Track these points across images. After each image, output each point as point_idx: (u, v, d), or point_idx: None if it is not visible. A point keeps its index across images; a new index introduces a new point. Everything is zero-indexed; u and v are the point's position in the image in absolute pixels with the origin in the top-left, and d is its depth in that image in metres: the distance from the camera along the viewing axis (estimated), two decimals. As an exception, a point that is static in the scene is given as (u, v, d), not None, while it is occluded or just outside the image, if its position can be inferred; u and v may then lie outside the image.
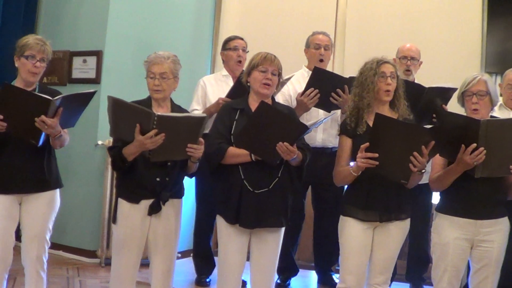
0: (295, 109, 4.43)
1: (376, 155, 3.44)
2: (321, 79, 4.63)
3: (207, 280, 5.38)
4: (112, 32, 6.10)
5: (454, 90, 4.00)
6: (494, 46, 5.83)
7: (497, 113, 4.30)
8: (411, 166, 3.42)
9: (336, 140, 3.94)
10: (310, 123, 4.35)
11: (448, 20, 5.99)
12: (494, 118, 3.70)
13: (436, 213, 3.77)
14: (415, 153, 3.39)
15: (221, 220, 3.78)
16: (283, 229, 3.85)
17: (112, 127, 3.57)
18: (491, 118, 3.62)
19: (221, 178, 3.79)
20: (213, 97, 5.02)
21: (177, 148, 3.55)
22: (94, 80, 6.07)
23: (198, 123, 3.56)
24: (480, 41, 5.83)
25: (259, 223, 3.71)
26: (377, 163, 3.45)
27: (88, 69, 6.14)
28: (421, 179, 3.66)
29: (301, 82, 4.93)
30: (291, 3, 6.68)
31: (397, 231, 3.71)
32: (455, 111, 3.70)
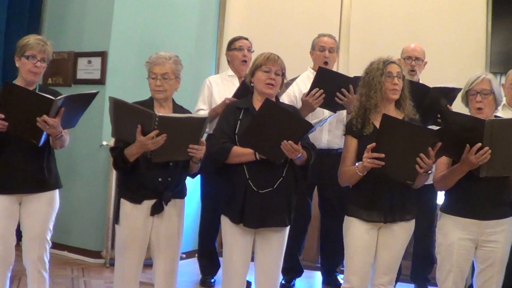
0: (300, 110, 4.43)
1: (383, 155, 3.43)
2: (325, 79, 4.62)
3: (212, 281, 5.37)
4: (116, 33, 6.10)
5: (459, 90, 3.99)
6: (498, 46, 5.82)
7: (500, 113, 4.29)
8: (417, 167, 3.41)
9: (341, 141, 3.93)
10: (315, 122, 4.35)
11: (452, 20, 5.98)
12: (499, 118, 3.70)
13: (441, 213, 3.77)
14: (421, 155, 3.39)
15: (225, 220, 3.78)
16: (288, 229, 3.85)
17: (113, 128, 3.57)
18: (496, 118, 3.61)
19: (225, 178, 3.79)
20: (218, 97, 5.02)
21: (178, 149, 3.56)
22: (98, 81, 6.08)
23: (199, 124, 3.57)
24: (484, 41, 5.82)
25: (263, 223, 3.71)
26: (383, 163, 3.44)
27: (93, 70, 6.15)
28: (427, 180, 3.66)
29: (307, 83, 4.92)
30: (295, 4, 6.67)
31: (402, 232, 3.70)
32: (459, 111, 3.70)
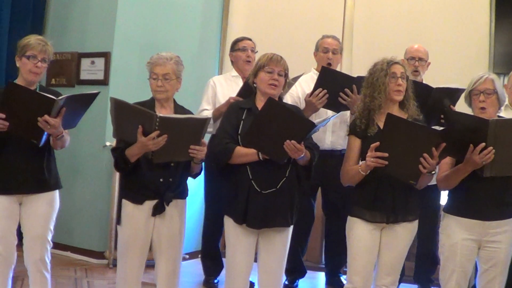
0: (303, 110, 4.42)
1: (386, 154, 3.43)
2: (329, 79, 4.63)
3: (215, 281, 5.38)
4: (120, 33, 6.11)
5: (462, 91, 3.99)
6: (502, 47, 5.81)
7: (503, 113, 4.28)
8: (420, 167, 3.42)
9: (345, 142, 3.93)
10: (318, 121, 4.35)
11: (455, 21, 5.98)
12: (503, 118, 3.69)
13: (444, 214, 3.76)
14: (425, 155, 3.39)
15: (228, 220, 3.78)
16: (291, 230, 3.85)
17: (115, 128, 3.58)
18: (499, 118, 3.61)
19: (228, 178, 3.78)
20: (222, 97, 5.02)
21: (179, 149, 3.56)
22: (102, 81, 6.08)
23: (200, 125, 3.57)
24: (488, 42, 5.82)
25: (266, 223, 3.70)
26: (386, 162, 3.44)
27: (96, 70, 6.15)
28: (431, 180, 3.66)
29: (310, 84, 4.92)
30: (298, 5, 6.67)
31: (404, 233, 3.70)
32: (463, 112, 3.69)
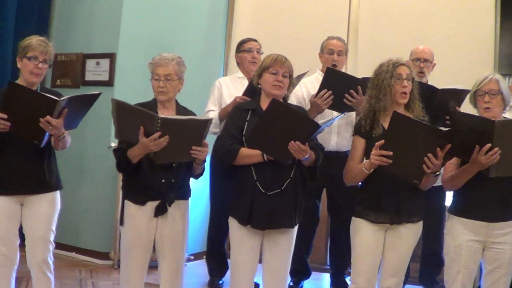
0: (308, 111, 4.42)
1: (391, 153, 3.42)
2: (334, 80, 4.62)
3: (220, 282, 5.37)
4: (125, 34, 6.11)
5: (467, 92, 3.98)
6: (507, 48, 5.80)
7: (507, 114, 4.27)
8: (424, 167, 3.41)
9: (350, 144, 3.93)
10: (322, 122, 4.34)
11: (460, 22, 5.97)
12: (509, 118, 3.68)
13: (449, 215, 3.76)
14: (429, 155, 3.39)
15: (233, 221, 3.78)
16: (296, 230, 3.84)
17: (116, 129, 3.58)
18: (505, 118, 3.60)
19: (233, 179, 3.78)
20: (228, 98, 5.01)
21: (181, 150, 3.56)
22: (107, 82, 6.09)
23: (202, 126, 3.57)
24: (493, 43, 5.81)
25: (271, 224, 3.70)
26: (390, 161, 3.44)
27: (101, 71, 6.16)
28: (436, 181, 3.65)
29: (315, 85, 4.90)
30: (303, 5, 6.67)
31: (409, 234, 3.69)
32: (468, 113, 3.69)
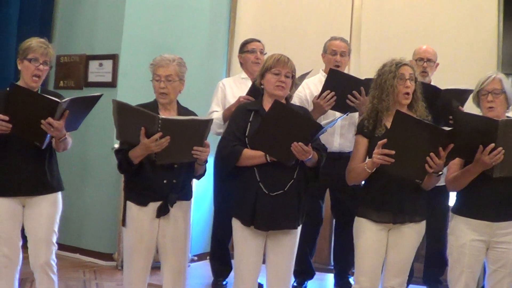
0: (311, 112, 4.41)
1: (393, 152, 3.42)
2: (337, 81, 4.62)
3: (224, 283, 5.37)
4: (128, 35, 6.12)
5: (470, 91, 3.97)
6: (510, 47, 5.78)
7: (511, 113, 4.27)
8: (426, 166, 3.41)
9: (353, 145, 3.93)
10: (325, 123, 4.34)
11: (463, 21, 5.96)
12: (512, 118, 3.69)
13: (452, 214, 3.76)
14: (431, 154, 3.38)
15: (236, 222, 3.78)
16: (299, 231, 3.84)
17: (118, 130, 3.58)
18: (509, 118, 3.59)
19: (237, 180, 3.78)
20: (232, 99, 4.99)
21: (182, 151, 3.57)
22: (110, 83, 6.10)
23: (203, 126, 3.57)
24: (496, 42, 5.79)
25: (274, 225, 3.70)
26: (393, 160, 3.43)
27: (104, 72, 6.17)
28: (439, 181, 3.65)
29: (318, 86, 4.91)
30: (306, 6, 6.66)
31: (411, 233, 3.69)
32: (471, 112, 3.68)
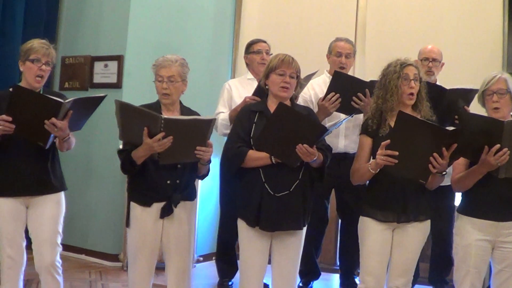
0: (316, 114, 4.41)
1: (396, 153, 3.42)
2: (341, 83, 4.61)
3: (230, 283, 5.37)
4: (133, 36, 6.13)
5: (476, 91, 3.97)
6: (515, 47, 5.78)
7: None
8: (430, 167, 3.41)
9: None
10: (329, 125, 4.33)
11: (468, 21, 5.95)
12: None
13: (458, 214, 3.75)
14: (435, 154, 3.39)
15: (242, 223, 3.78)
16: (304, 231, 3.84)
17: (120, 130, 3.58)
18: (514, 119, 3.60)
19: (242, 181, 3.78)
20: (239, 100, 4.97)
21: (185, 151, 3.57)
22: (115, 84, 6.11)
23: (206, 126, 3.57)
24: (501, 42, 5.78)
25: (279, 226, 3.70)
26: (396, 161, 3.43)
27: (110, 73, 6.17)
28: (443, 181, 3.65)
29: (323, 87, 4.91)
30: (311, 6, 6.65)
31: (416, 233, 3.69)
32: (476, 112, 3.68)
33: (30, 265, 3.85)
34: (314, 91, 5.03)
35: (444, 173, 3.50)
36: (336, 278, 5.66)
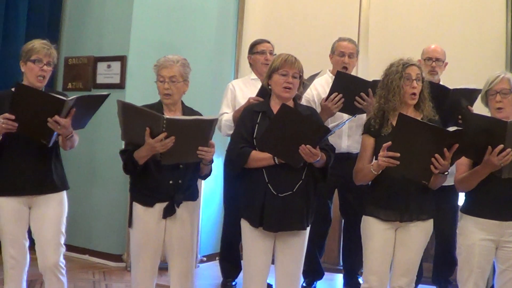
0: (319, 114, 4.40)
1: (398, 154, 3.42)
2: (344, 83, 4.61)
3: (233, 284, 5.38)
4: (136, 37, 6.13)
5: (479, 91, 3.97)
6: (518, 47, 5.78)
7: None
8: (432, 167, 3.41)
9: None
10: (332, 125, 4.33)
11: (471, 21, 5.94)
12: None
13: (461, 214, 3.75)
14: (436, 155, 3.38)
15: (245, 223, 3.78)
16: (308, 232, 3.83)
17: (123, 130, 3.59)
18: (518, 119, 3.59)
19: (245, 182, 3.78)
20: (242, 100, 4.97)
21: (187, 151, 3.57)
22: (118, 85, 6.12)
23: (208, 126, 3.57)
24: (504, 42, 5.77)
25: (283, 227, 3.69)
26: (398, 162, 3.43)
27: (113, 74, 6.18)
28: (445, 181, 3.65)
29: (325, 87, 4.91)
30: (314, 6, 6.65)
31: (418, 232, 3.69)
32: (479, 112, 3.68)
33: (34, 266, 3.84)
34: (317, 91, 5.03)
35: (446, 173, 3.50)
36: (339, 278, 5.66)
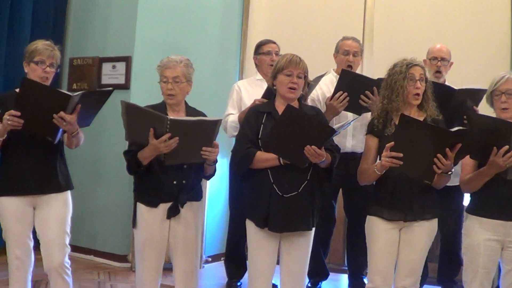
0: (325, 114, 4.40)
1: (401, 155, 3.42)
2: (349, 82, 4.60)
3: (238, 284, 5.38)
4: (140, 37, 6.13)
5: (484, 91, 3.96)
6: (523, 46, 5.77)
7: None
8: (434, 167, 3.41)
9: (365, 145, 3.93)
10: (337, 126, 4.33)
11: (476, 20, 5.93)
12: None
13: (467, 214, 3.74)
14: (439, 155, 3.38)
15: (250, 224, 3.77)
16: (313, 232, 3.83)
17: (126, 131, 3.59)
18: (523, 120, 3.59)
19: (250, 182, 3.78)
20: (248, 101, 4.97)
21: (191, 151, 3.57)
22: (123, 85, 6.11)
23: (211, 126, 3.57)
24: (509, 42, 5.76)
25: (288, 227, 3.69)
26: (401, 162, 3.43)
27: (118, 74, 6.19)
28: (449, 181, 3.64)
29: (330, 87, 4.90)
30: (319, 6, 6.65)
31: (422, 231, 3.68)
32: (485, 112, 3.67)
33: (39, 266, 3.84)
34: (322, 90, 5.02)
35: (450, 172, 3.50)
36: (344, 279, 5.66)
